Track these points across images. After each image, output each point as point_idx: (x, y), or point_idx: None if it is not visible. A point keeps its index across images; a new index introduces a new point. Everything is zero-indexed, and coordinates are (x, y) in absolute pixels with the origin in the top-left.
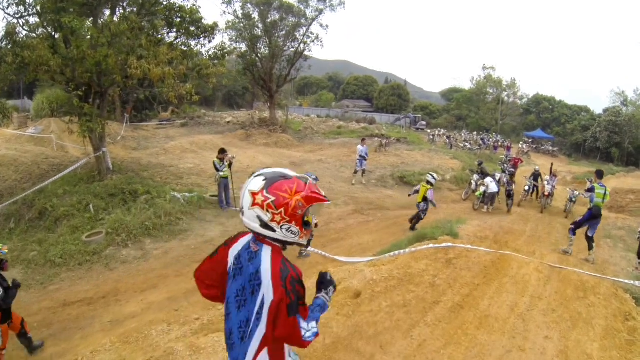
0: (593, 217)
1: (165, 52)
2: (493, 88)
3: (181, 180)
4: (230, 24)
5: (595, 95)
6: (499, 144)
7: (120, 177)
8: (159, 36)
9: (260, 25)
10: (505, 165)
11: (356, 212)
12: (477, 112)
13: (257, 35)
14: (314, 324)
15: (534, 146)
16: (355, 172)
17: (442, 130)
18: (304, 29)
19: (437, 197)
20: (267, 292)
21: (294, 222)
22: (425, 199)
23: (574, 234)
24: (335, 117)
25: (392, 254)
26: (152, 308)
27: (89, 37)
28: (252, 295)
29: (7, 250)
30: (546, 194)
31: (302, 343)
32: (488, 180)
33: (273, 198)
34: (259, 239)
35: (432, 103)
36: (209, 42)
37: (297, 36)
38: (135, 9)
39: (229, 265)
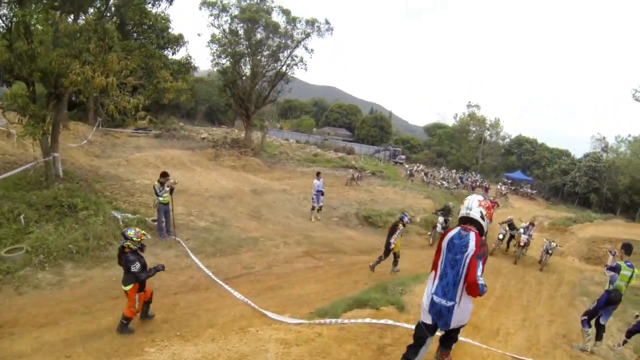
0: (610, 302)
1: (115, 60)
2: (476, 126)
3: (131, 198)
4: (216, 38)
5: (572, 137)
6: (477, 183)
7: (68, 186)
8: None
9: (245, 43)
10: None
11: (307, 254)
12: (459, 149)
13: (240, 52)
14: (483, 278)
15: (513, 188)
16: (313, 207)
17: (421, 166)
18: (289, 51)
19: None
20: (471, 251)
21: (489, 220)
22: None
23: (589, 326)
24: (314, 143)
25: (321, 321)
26: (43, 349)
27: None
28: (462, 254)
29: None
30: (522, 244)
31: (476, 283)
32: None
33: (487, 204)
34: (466, 228)
35: (413, 137)
36: (173, 54)
37: (281, 57)
38: (102, 9)
39: (443, 246)
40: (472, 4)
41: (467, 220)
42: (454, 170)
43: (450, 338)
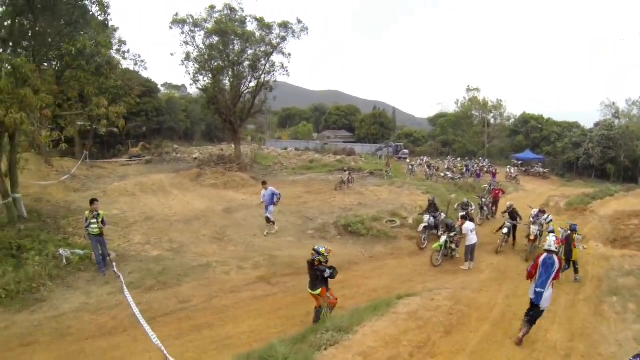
0: None
1: (30, 95)
2: (478, 110)
3: None
4: (191, 56)
5: (583, 112)
6: (485, 169)
7: (30, 226)
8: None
9: (223, 57)
10: (484, 199)
11: (262, 279)
12: (464, 136)
13: (219, 67)
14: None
15: (523, 169)
16: (267, 220)
17: (425, 159)
18: (266, 58)
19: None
20: (556, 266)
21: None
22: None
23: None
24: (314, 149)
25: None
26: None
27: None
28: (552, 267)
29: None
30: (532, 237)
31: (557, 279)
32: (468, 226)
33: (558, 240)
34: (550, 253)
35: (416, 130)
36: (107, 79)
37: (259, 66)
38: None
39: (540, 262)
40: None
41: (550, 251)
42: (459, 159)
43: (538, 314)
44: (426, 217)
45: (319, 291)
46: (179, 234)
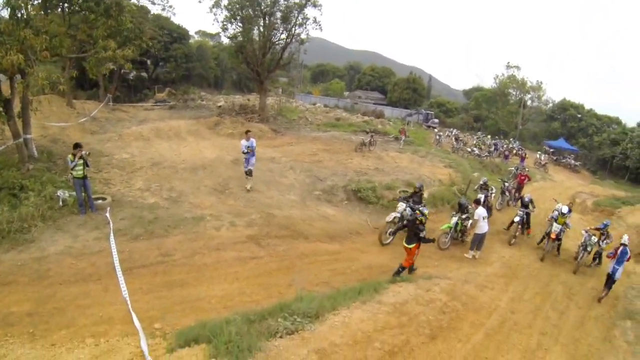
0: None
1: (30, 36)
2: (516, 89)
3: (96, 174)
4: (225, 2)
5: (628, 109)
6: (514, 151)
7: (38, 166)
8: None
9: (256, 7)
10: (506, 184)
11: (252, 239)
12: (497, 113)
13: (250, 16)
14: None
15: (554, 158)
16: (245, 173)
17: (454, 131)
18: (298, 10)
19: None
20: (628, 254)
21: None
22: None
23: None
24: (343, 107)
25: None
26: None
27: None
28: (625, 255)
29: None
30: (552, 236)
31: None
32: (480, 212)
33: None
34: (625, 246)
35: (449, 100)
36: (115, 21)
37: (291, 18)
38: None
39: (618, 254)
40: None
41: (624, 244)
42: (489, 136)
43: (612, 283)
44: (401, 206)
45: (412, 246)
46: (181, 182)
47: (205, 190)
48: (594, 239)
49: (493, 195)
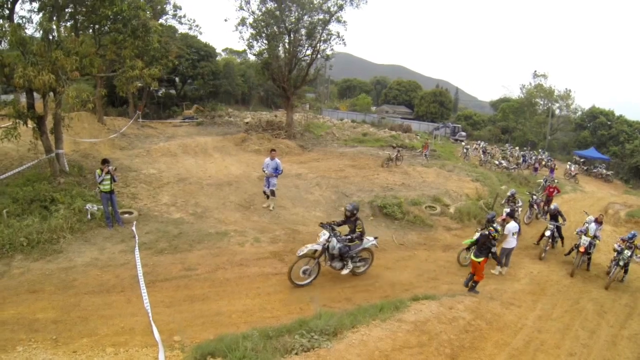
0: None
1: (61, 57)
2: (543, 99)
3: (124, 189)
4: (250, 21)
5: None
6: (543, 162)
7: (69, 180)
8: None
9: (281, 25)
10: (535, 197)
11: (275, 255)
12: (525, 124)
13: (275, 33)
14: None
15: (585, 168)
16: (264, 193)
17: (482, 143)
18: (322, 26)
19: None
20: None
21: None
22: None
23: None
24: (370, 122)
25: None
26: None
27: None
28: None
29: None
30: (581, 249)
31: None
32: (511, 227)
33: None
34: None
35: (476, 112)
36: (142, 41)
37: (315, 34)
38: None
39: None
40: None
41: None
42: (517, 148)
43: None
44: (324, 235)
45: (481, 259)
46: (206, 197)
47: (230, 206)
48: (627, 253)
49: (520, 208)
